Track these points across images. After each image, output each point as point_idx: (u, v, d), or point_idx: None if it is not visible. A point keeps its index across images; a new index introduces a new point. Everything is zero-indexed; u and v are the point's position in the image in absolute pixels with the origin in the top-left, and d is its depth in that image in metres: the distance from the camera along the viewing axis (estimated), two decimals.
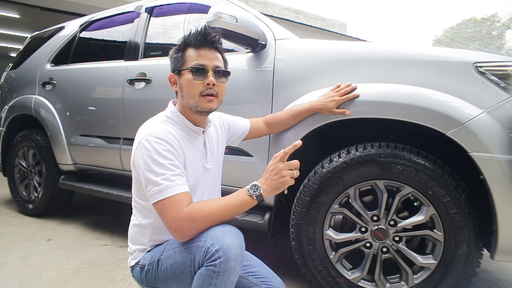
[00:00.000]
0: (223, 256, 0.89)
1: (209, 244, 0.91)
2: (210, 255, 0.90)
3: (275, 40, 1.67)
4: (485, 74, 1.25)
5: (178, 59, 1.13)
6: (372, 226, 1.40)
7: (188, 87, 1.09)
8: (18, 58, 3.23)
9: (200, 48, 1.10)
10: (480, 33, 20.98)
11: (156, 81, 2.01)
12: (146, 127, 1.08)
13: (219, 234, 0.93)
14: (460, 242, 1.27)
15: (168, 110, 1.16)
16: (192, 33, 1.10)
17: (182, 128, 1.13)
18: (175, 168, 1.00)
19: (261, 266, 1.20)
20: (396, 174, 1.32)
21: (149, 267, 1.08)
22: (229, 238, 0.92)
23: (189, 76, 1.09)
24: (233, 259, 0.90)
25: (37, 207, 2.76)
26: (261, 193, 1.00)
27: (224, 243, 0.90)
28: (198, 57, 1.09)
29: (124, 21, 2.46)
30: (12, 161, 2.99)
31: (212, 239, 0.92)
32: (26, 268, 1.85)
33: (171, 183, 0.97)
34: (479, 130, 1.19)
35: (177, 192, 0.96)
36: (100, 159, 2.39)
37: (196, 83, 1.08)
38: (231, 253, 0.90)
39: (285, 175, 1.01)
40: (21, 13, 6.63)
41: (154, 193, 0.97)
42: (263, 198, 1.00)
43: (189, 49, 1.11)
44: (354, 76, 1.44)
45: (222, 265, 0.89)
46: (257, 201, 1.00)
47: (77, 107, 2.50)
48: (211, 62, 1.10)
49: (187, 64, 1.10)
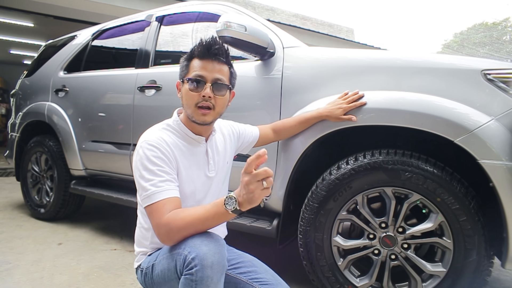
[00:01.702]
0: (199, 265, 0.88)
1: (186, 252, 0.91)
2: (187, 263, 0.90)
3: (283, 48, 1.69)
4: (493, 81, 1.25)
5: (183, 68, 1.16)
6: (380, 233, 1.40)
7: (186, 97, 1.12)
8: (32, 66, 3.32)
9: (204, 59, 1.11)
10: (491, 38, 20.74)
11: (166, 88, 2.05)
12: (144, 134, 1.11)
13: (197, 242, 0.92)
14: (470, 250, 1.25)
15: (172, 118, 1.19)
16: (199, 43, 1.12)
17: (182, 137, 1.15)
18: (164, 174, 1.02)
19: (268, 272, 1.18)
20: (404, 181, 1.32)
21: (147, 271, 1.10)
22: (206, 245, 0.91)
23: (187, 85, 1.11)
24: (209, 267, 0.88)
25: (49, 211, 2.82)
26: (236, 208, 0.90)
27: (200, 251, 0.89)
28: (199, 68, 1.10)
29: (135, 30, 2.52)
30: (25, 166, 3.07)
31: (190, 247, 0.92)
32: (38, 272, 1.88)
33: (157, 189, 0.99)
34: (488, 137, 1.19)
35: (162, 198, 0.98)
36: (111, 165, 2.43)
37: (193, 94, 1.10)
38: (207, 261, 0.88)
39: (253, 189, 0.85)
40: (35, 22, 6.80)
41: (143, 198, 1.00)
42: (240, 212, 0.91)
43: (194, 60, 1.13)
44: (362, 83, 1.45)
45: (199, 274, 0.88)
46: (235, 214, 0.93)
47: (88, 113, 2.55)
48: (211, 74, 1.10)
49: (189, 74, 1.12)
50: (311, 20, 10.54)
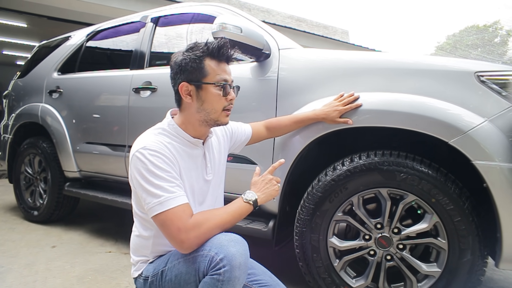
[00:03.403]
0: (228, 265, 0.89)
1: (213, 253, 0.92)
2: (215, 263, 0.90)
3: (278, 50, 1.70)
4: (486, 83, 1.27)
5: (198, 70, 1.07)
6: (376, 234, 1.40)
7: (213, 101, 1.08)
8: (25, 67, 3.28)
9: (221, 61, 1.09)
10: (483, 40, 21.03)
11: (162, 90, 2.04)
12: (140, 140, 1.06)
13: (224, 243, 0.93)
14: (464, 250, 1.27)
15: (165, 122, 1.13)
16: (214, 45, 1.07)
17: (180, 140, 1.11)
18: (173, 180, 0.99)
19: (266, 274, 1.19)
20: (399, 182, 1.33)
21: (153, 279, 1.06)
22: (234, 247, 0.92)
23: (215, 90, 1.07)
24: (238, 268, 0.90)
25: (42, 214, 2.79)
26: (256, 199, 1.08)
27: (228, 252, 0.91)
28: (221, 72, 1.08)
29: (130, 31, 2.51)
30: (18, 168, 3.03)
31: (217, 248, 0.92)
32: (32, 275, 1.86)
33: (171, 195, 0.96)
34: (482, 138, 1.20)
35: (178, 204, 0.96)
36: (105, 167, 2.41)
37: (223, 99, 1.09)
38: (236, 261, 0.90)
39: (275, 184, 1.14)
40: (29, 22, 6.74)
41: (153, 206, 0.95)
42: (258, 204, 1.08)
43: (209, 61, 1.07)
44: (357, 85, 1.46)
45: (227, 274, 0.89)
46: (253, 207, 1.07)
47: (83, 115, 2.53)
48: (230, 76, 1.11)
49: (211, 78, 1.07)
50: (306, 22, 10.59)
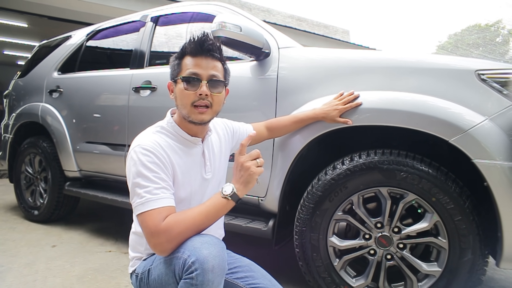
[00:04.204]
0: (200, 268, 0.86)
1: (186, 256, 0.89)
2: (187, 267, 0.88)
3: (278, 49, 1.69)
4: (487, 81, 1.26)
5: (175, 67, 1.10)
6: (376, 233, 1.40)
7: (181, 97, 1.07)
8: (26, 67, 3.29)
9: (197, 56, 1.06)
10: (484, 39, 20.97)
11: (161, 89, 2.04)
12: (137, 138, 1.06)
13: (197, 245, 0.90)
14: (465, 249, 1.26)
15: (165, 120, 1.14)
16: (191, 40, 1.07)
17: (178, 139, 1.10)
18: (160, 181, 0.98)
19: (265, 277, 1.16)
20: (399, 181, 1.32)
21: (142, 276, 1.07)
22: (207, 249, 0.89)
23: (182, 85, 1.06)
24: (211, 271, 0.87)
25: (43, 213, 2.79)
26: (235, 192, 0.98)
27: (200, 255, 0.88)
28: (193, 66, 1.06)
29: (130, 30, 2.50)
30: (19, 168, 3.03)
31: (190, 251, 0.90)
32: (32, 274, 1.86)
33: (153, 196, 0.95)
34: (482, 137, 1.20)
35: (158, 206, 0.94)
36: (105, 166, 2.41)
37: (189, 93, 1.05)
38: (208, 265, 0.87)
39: (249, 166, 1.00)
40: (29, 22, 6.75)
41: (137, 205, 0.95)
42: (238, 197, 0.99)
43: (186, 57, 1.08)
44: (357, 84, 1.45)
45: (199, 278, 0.86)
46: (233, 201, 0.99)
47: (83, 114, 2.53)
48: (206, 71, 1.06)
49: (182, 73, 1.07)
50: (307, 21, 10.58)
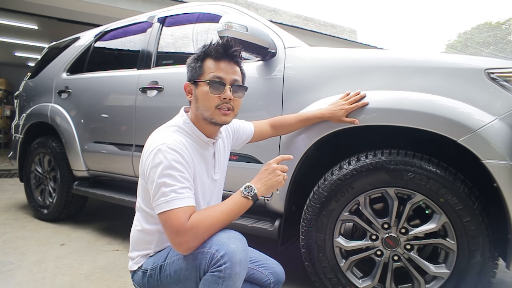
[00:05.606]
0: (229, 262, 0.91)
1: (214, 250, 0.93)
2: (216, 260, 0.92)
3: (284, 49, 1.69)
4: (497, 80, 1.24)
5: (196, 69, 1.10)
6: (382, 234, 1.39)
7: (204, 99, 1.07)
8: (36, 68, 3.34)
9: (220, 60, 1.08)
10: (495, 37, 20.58)
11: (168, 89, 2.05)
12: (159, 136, 1.06)
13: (224, 240, 0.94)
14: (474, 251, 1.24)
15: (181, 119, 1.14)
16: (213, 44, 1.08)
17: (194, 139, 1.12)
18: (184, 181, 0.99)
19: (254, 251, 1.23)
20: (406, 182, 1.31)
21: (152, 272, 1.08)
22: (234, 243, 0.94)
23: (206, 88, 1.07)
24: (238, 264, 0.92)
25: (52, 212, 2.83)
26: (255, 193, 1.03)
27: (229, 249, 0.92)
28: (216, 70, 1.07)
29: (137, 31, 2.53)
30: (29, 167, 3.08)
31: (217, 245, 0.93)
32: (41, 272, 1.89)
33: (178, 195, 0.96)
34: (492, 137, 1.18)
35: (183, 205, 0.96)
36: (113, 166, 2.43)
37: (213, 97, 1.06)
38: (236, 258, 0.92)
39: (280, 174, 1.08)
40: (39, 24, 6.85)
41: (160, 203, 0.96)
42: (257, 198, 1.04)
43: (208, 60, 1.09)
44: (364, 83, 1.44)
45: (228, 270, 0.91)
46: (253, 201, 1.03)
47: (91, 114, 2.56)
48: (229, 76, 1.08)
49: (205, 76, 1.08)
50: (314, 21, 10.53)
